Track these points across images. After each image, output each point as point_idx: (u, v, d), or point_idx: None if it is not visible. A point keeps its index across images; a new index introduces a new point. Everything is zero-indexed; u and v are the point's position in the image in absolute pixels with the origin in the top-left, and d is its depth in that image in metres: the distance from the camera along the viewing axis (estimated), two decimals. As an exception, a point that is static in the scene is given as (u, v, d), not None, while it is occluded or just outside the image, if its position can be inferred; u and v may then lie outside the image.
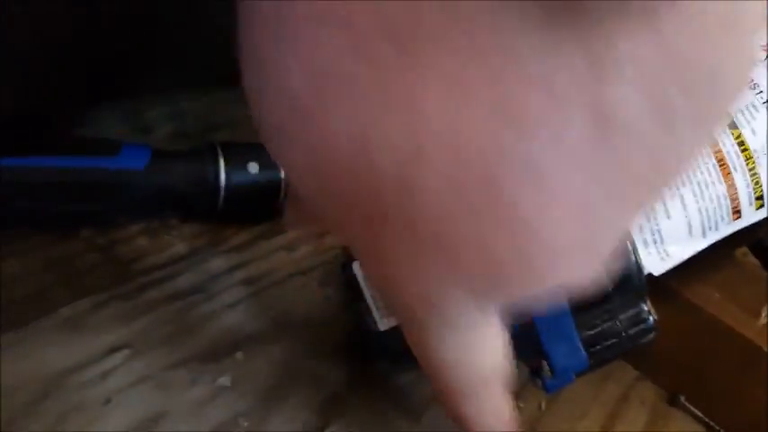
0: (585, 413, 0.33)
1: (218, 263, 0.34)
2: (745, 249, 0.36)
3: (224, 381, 0.28)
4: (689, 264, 0.33)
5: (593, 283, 0.13)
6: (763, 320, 0.33)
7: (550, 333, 0.23)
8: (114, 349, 0.28)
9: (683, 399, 0.35)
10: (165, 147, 0.37)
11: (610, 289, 0.23)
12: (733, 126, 0.24)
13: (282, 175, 0.35)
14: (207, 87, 0.46)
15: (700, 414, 0.35)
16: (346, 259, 0.29)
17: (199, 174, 0.34)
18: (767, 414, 0.33)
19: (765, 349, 0.32)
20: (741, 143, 0.24)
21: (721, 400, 0.34)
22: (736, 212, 0.25)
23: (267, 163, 0.35)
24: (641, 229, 0.24)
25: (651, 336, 0.24)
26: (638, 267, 0.23)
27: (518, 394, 0.32)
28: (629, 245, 0.23)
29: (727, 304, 0.33)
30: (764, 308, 0.33)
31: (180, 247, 0.34)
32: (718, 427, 0.34)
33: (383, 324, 0.27)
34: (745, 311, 0.33)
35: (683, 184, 0.24)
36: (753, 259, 0.36)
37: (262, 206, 0.36)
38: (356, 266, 0.28)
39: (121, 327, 0.29)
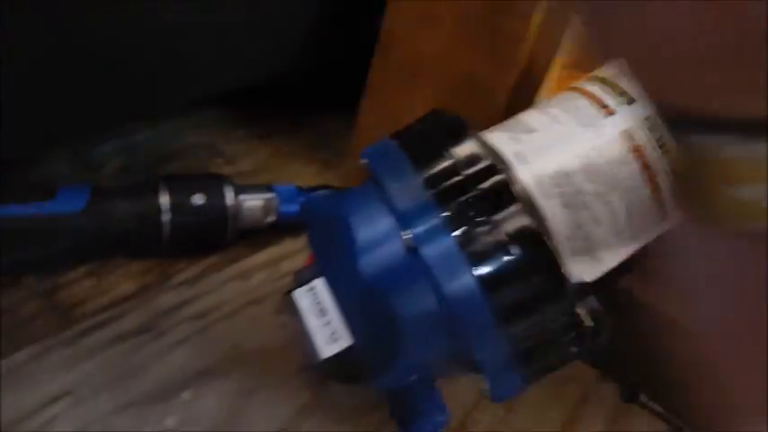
0: (546, 415, 0.33)
1: (166, 299, 0.34)
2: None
3: (171, 422, 0.28)
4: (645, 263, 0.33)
5: None
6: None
7: (484, 353, 0.23)
8: (56, 398, 0.28)
9: (642, 396, 0.35)
10: (115, 182, 0.37)
11: (537, 301, 0.23)
12: (654, 129, 0.24)
13: (229, 203, 0.35)
14: (159, 117, 0.46)
15: (660, 410, 0.35)
16: (291, 287, 0.28)
17: (140, 210, 0.33)
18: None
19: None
20: (663, 145, 0.24)
21: (680, 395, 0.34)
22: (664, 215, 0.24)
23: (213, 193, 0.35)
24: (570, 236, 0.24)
25: (589, 341, 0.24)
26: (567, 275, 0.23)
27: (477, 401, 0.32)
28: (552, 256, 0.23)
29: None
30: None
31: (126, 286, 0.34)
32: (678, 423, 0.34)
33: (325, 351, 0.26)
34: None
35: (609, 190, 0.24)
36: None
37: (210, 237, 0.36)
38: (297, 294, 0.28)
39: (64, 374, 0.29)
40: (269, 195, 0.36)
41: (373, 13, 0.37)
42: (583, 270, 0.24)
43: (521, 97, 0.33)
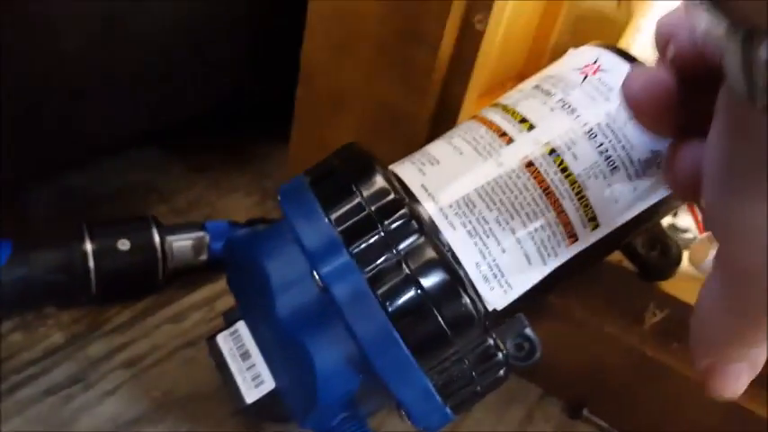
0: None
1: (97, 348, 0.33)
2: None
3: (100, 476, 0.28)
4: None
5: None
6: (646, 325, 0.33)
7: (403, 389, 0.23)
8: (-20, 461, 0.27)
9: (586, 411, 0.35)
10: (49, 228, 0.36)
11: (450, 332, 0.23)
12: (554, 154, 0.25)
13: (157, 246, 0.35)
14: (90, 159, 0.45)
15: (603, 424, 0.35)
16: (214, 332, 0.28)
17: (65, 260, 0.33)
18: (662, 415, 0.34)
19: (649, 354, 0.32)
20: (564, 169, 0.25)
21: (620, 407, 0.35)
22: (572, 236, 0.25)
23: (139, 237, 0.34)
24: (478, 265, 0.24)
25: (504, 369, 0.24)
26: (478, 305, 0.23)
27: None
28: (462, 286, 0.23)
29: (611, 313, 0.34)
30: (647, 312, 0.33)
31: (56, 337, 0.33)
32: (621, 435, 0.34)
33: (249, 396, 0.26)
34: (628, 318, 0.34)
35: (512, 217, 0.24)
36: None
37: (141, 281, 0.35)
38: (220, 339, 0.28)
39: (-11, 435, 0.28)
40: (199, 234, 0.36)
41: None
42: (494, 297, 0.24)
43: (440, 126, 0.34)
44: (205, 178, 0.46)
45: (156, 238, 0.34)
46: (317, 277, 0.23)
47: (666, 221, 0.42)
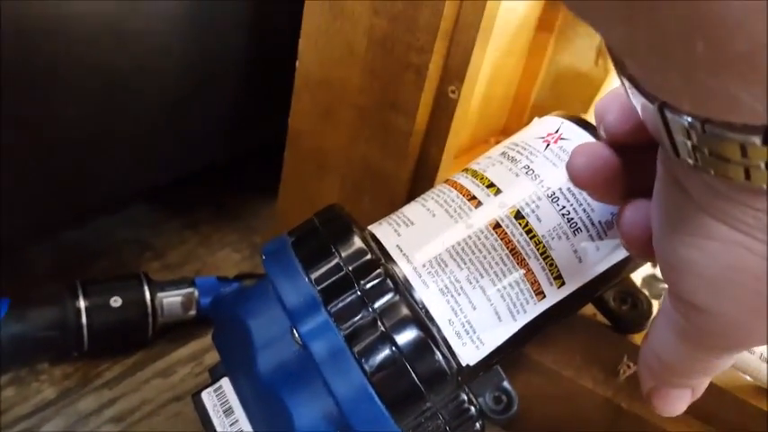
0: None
1: (87, 403, 0.34)
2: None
3: None
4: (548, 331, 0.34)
5: None
6: (621, 378, 0.34)
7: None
8: None
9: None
10: (46, 284, 0.38)
11: (424, 388, 0.24)
12: (519, 216, 0.26)
13: (147, 302, 0.36)
14: (88, 216, 0.47)
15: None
16: (200, 388, 0.29)
17: (59, 318, 0.34)
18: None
19: (624, 406, 0.33)
20: (529, 231, 0.26)
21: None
22: (540, 294, 0.26)
23: (131, 294, 0.36)
24: (451, 322, 0.25)
25: (479, 423, 0.25)
26: (451, 360, 0.25)
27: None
28: (435, 343, 0.24)
29: (587, 366, 0.35)
30: (621, 365, 0.34)
31: (48, 392, 0.34)
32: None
33: (233, 451, 0.27)
34: (604, 371, 0.35)
35: (481, 276, 0.26)
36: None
37: (131, 337, 0.36)
38: (205, 395, 0.29)
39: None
40: (189, 290, 0.37)
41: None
42: (467, 352, 0.26)
43: (420, 185, 0.36)
44: (197, 234, 0.47)
45: (147, 295, 0.36)
46: (296, 335, 0.25)
47: (647, 272, 0.43)
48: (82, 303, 0.34)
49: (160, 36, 0.36)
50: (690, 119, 0.14)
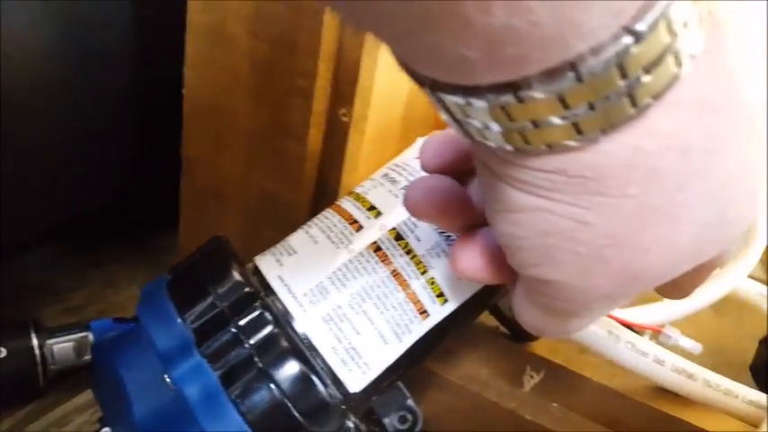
0: None
1: (-28, 464, 0.32)
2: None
3: None
4: (451, 346, 0.34)
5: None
6: (526, 388, 0.34)
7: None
8: None
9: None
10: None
11: (306, 422, 0.23)
12: (399, 238, 0.26)
13: (36, 350, 0.34)
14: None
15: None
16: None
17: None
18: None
19: (528, 417, 0.33)
20: (409, 251, 0.26)
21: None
22: (424, 313, 0.26)
23: (17, 343, 0.34)
24: (335, 349, 0.25)
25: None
26: (333, 390, 0.24)
27: None
28: (315, 373, 0.24)
29: (492, 379, 0.35)
30: (525, 375, 0.34)
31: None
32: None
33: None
34: (509, 383, 0.34)
35: (363, 300, 0.25)
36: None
37: (22, 388, 0.34)
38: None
39: None
40: (82, 334, 0.35)
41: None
42: (353, 379, 0.25)
43: (321, 210, 0.35)
44: (102, 274, 0.45)
45: (35, 342, 0.34)
46: (168, 380, 0.23)
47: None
48: (-39, 358, 0.32)
49: (37, 74, 0.34)
50: (457, 96, 0.14)
